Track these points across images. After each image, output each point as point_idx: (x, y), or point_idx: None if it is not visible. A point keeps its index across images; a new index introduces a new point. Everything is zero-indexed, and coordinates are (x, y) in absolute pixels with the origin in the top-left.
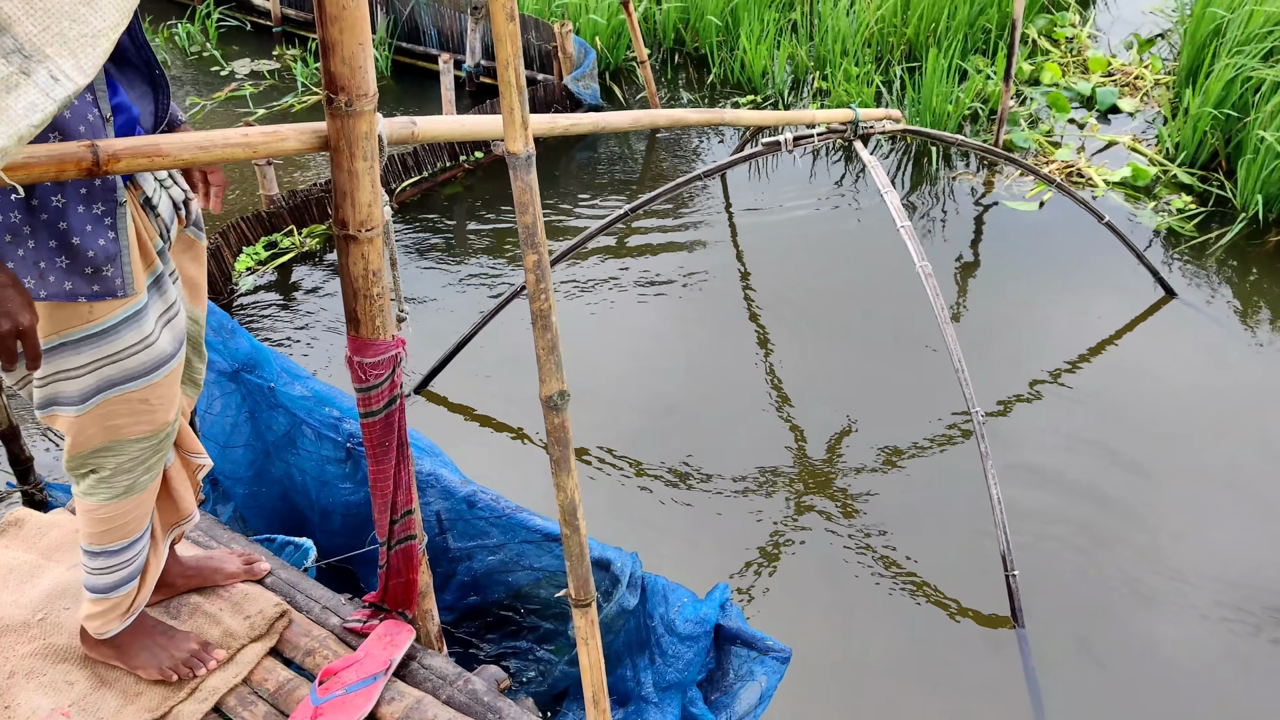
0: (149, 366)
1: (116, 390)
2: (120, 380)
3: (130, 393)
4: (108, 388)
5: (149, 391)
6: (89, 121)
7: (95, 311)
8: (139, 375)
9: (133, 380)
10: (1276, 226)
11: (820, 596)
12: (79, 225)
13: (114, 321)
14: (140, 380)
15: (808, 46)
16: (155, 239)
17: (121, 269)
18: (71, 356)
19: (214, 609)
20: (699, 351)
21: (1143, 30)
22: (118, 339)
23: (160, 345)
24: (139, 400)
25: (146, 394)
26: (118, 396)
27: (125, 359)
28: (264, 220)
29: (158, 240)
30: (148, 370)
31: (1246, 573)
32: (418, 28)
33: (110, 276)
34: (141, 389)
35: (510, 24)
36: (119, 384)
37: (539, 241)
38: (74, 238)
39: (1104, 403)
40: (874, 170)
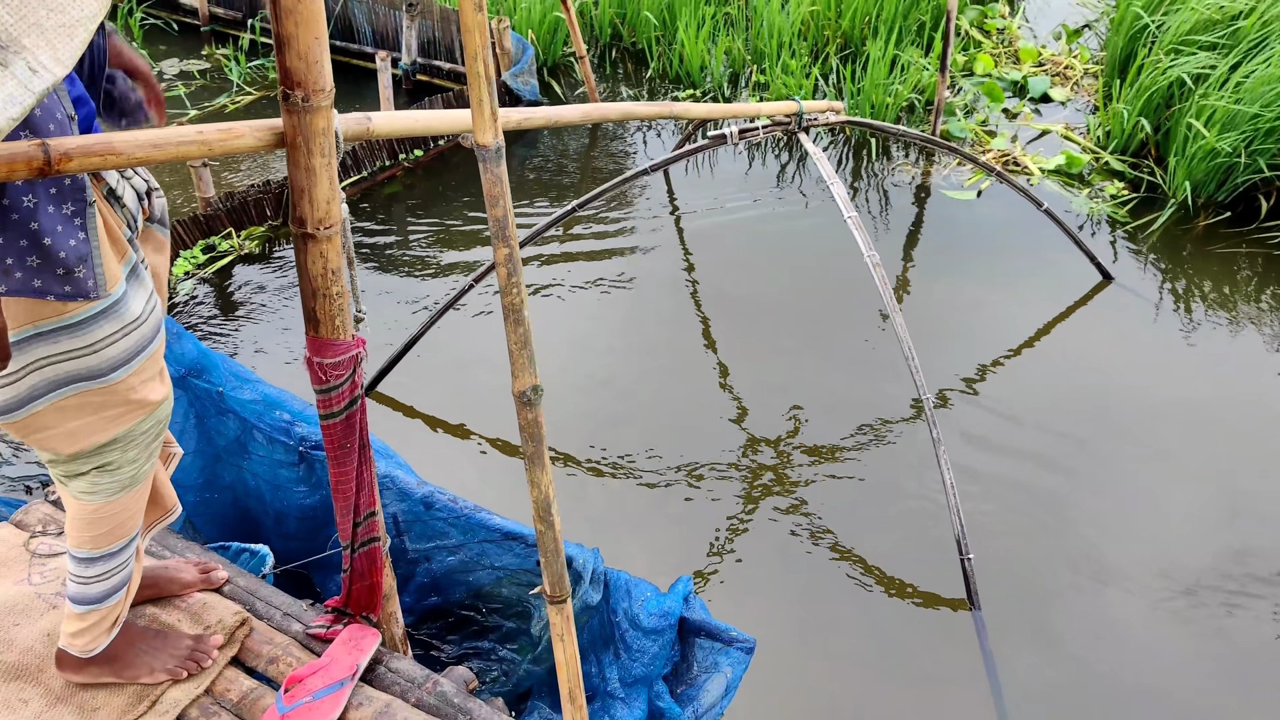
0: (130, 354)
1: (99, 382)
2: (103, 371)
3: (115, 383)
4: (90, 378)
5: (133, 379)
6: (58, 119)
7: (68, 307)
8: (121, 364)
9: (115, 370)
10: (1205, 211)
11: (779, 586)
12: (50, 225)
13: (93, 312)
14: (123, 369)
15: (744, 40)
16: (123, 228)
17: (93, 270)
18: (46, 346)
19: (171, 620)
20: (647, 349)
21: (1070, 21)
22: (96, 329)
23: (143, 331)
24: (125, 389)
25: (131, 381)
26: (101, 388)
27: (105, 348)
28: (201, 223)
29: (126, 230)
30: (129, 358)
31: (1185, 547)
32: (351, 26)
33: (82, 278)
34: (126, 377)
35: (478, 15)
36: (102, 375)
37: (510, 235)
38: (45, 238)
39: (1047, 385)
40: (819, 161)
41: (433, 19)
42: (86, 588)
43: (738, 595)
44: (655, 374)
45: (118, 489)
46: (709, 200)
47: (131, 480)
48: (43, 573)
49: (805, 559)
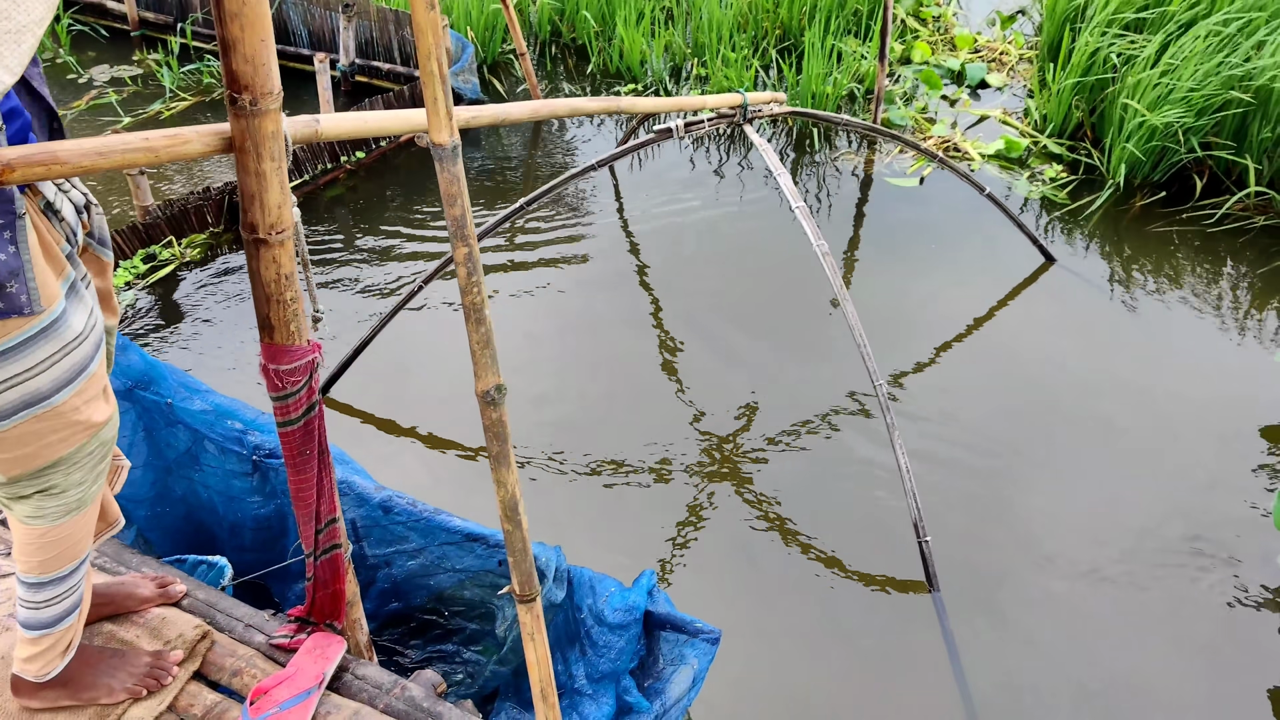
0: (73, 373)
1: (44, 405)
2: (48, 393)
3: (59, 405)
4: (35, 402)
5: (76, 399)
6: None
7: (6, 327)
8: (65, 384)
9: (60, 391)
10: (1140, 191)
11: (741, 576)
12: None
13: (31, 333)
14: (67, 389)
15: (684, 33)
16: (62, 243)
17: (26, 285)
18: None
19: (130, 636)
20: (598, 346)
21: (1003, 7)
22: (36, 351)
23: (83, 350)
24: (70, 410)
25: (75, 401)
26: (47, 412)
27: (49, 368)
28: (140, 232)
29: (64, 244)
30: (72, 377)
31: (1130, 521)
32: (286, 28)
33: (15, 293)
34: (70, 397)
35: (431, 13)
36: (46, 398)
37: (469, 234)
38: None
39: (994, 367)
40: (765, 153)
41: (370, 19)
42: (37, 612)
43: (701, 587)
44: (608, 371)
45: (64, 513)
46: (655, 195)
47: (79, 503)
48: None
49: (766, 548)
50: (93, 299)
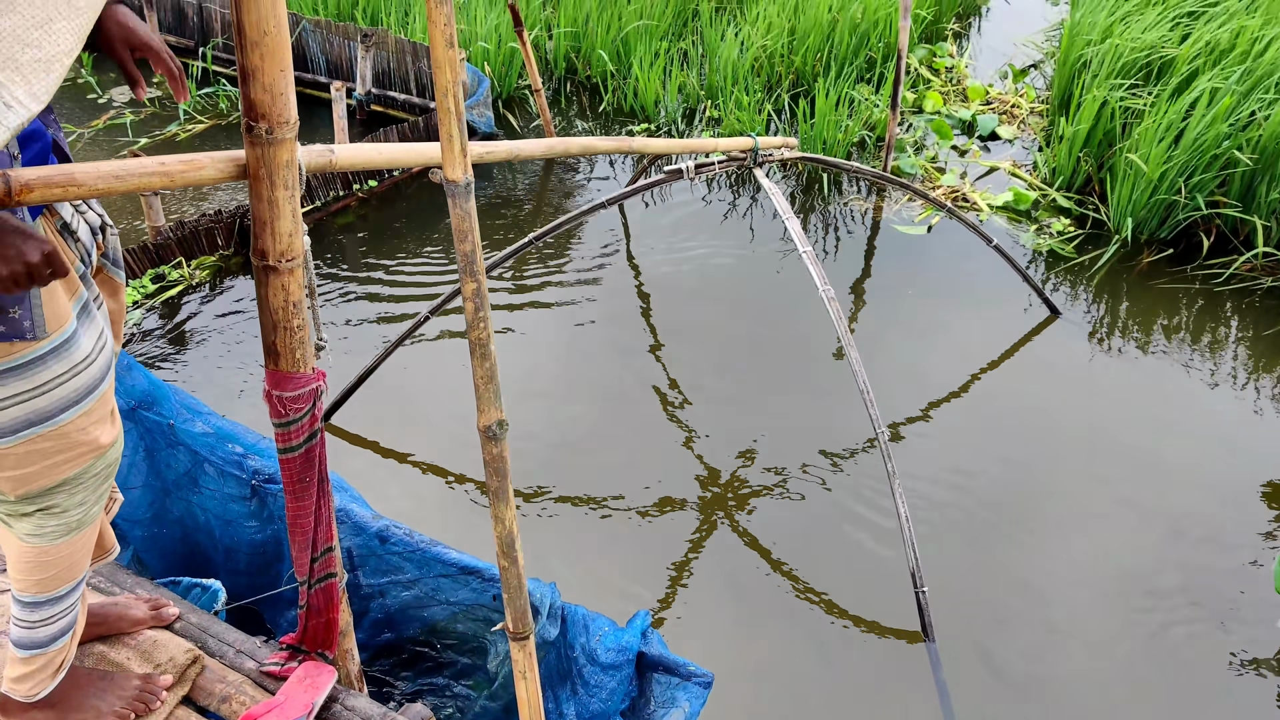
0: (80, 394)
1: (49, 424)
2: (53, 412)
3: (64, 425)
4: (40, 421)
5: (84, 419)
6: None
7: (15, 347)
8: (71, 404)
9: (65, 411)
10: (1148, 248)
11: (735, 620)
12: None
13: (41, 352)
14: (73, 409)
15: (698, 75)
16: (76, 263)
17: (30, 310)
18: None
19: (120, 658)
20: (601, 383)
21: (1016, 60)
22: (45, 369)
23: (92, 371)
24: (76, 430)
25: (82, 422)
26: (52, 431)
27: (55, 388)
28: (150, 252)
29: (79, 265)
30: (80, 398)
31: (1128, 575)
32: (304, 55)
33: (18, 319)
34: (76, 418)
35: (449, 50)
36: (52, 417)
37: (478, 269)
38: None
39: (995, 418)
40: (774, 197)
41: (388, 50)
42: (31, 632)
43: (695, 629)
44: (609, 408)
45: (64, 532)
46: (663, 234)
47: (79, 523)
48: None
49: (761, 592)
50: (104, 320)
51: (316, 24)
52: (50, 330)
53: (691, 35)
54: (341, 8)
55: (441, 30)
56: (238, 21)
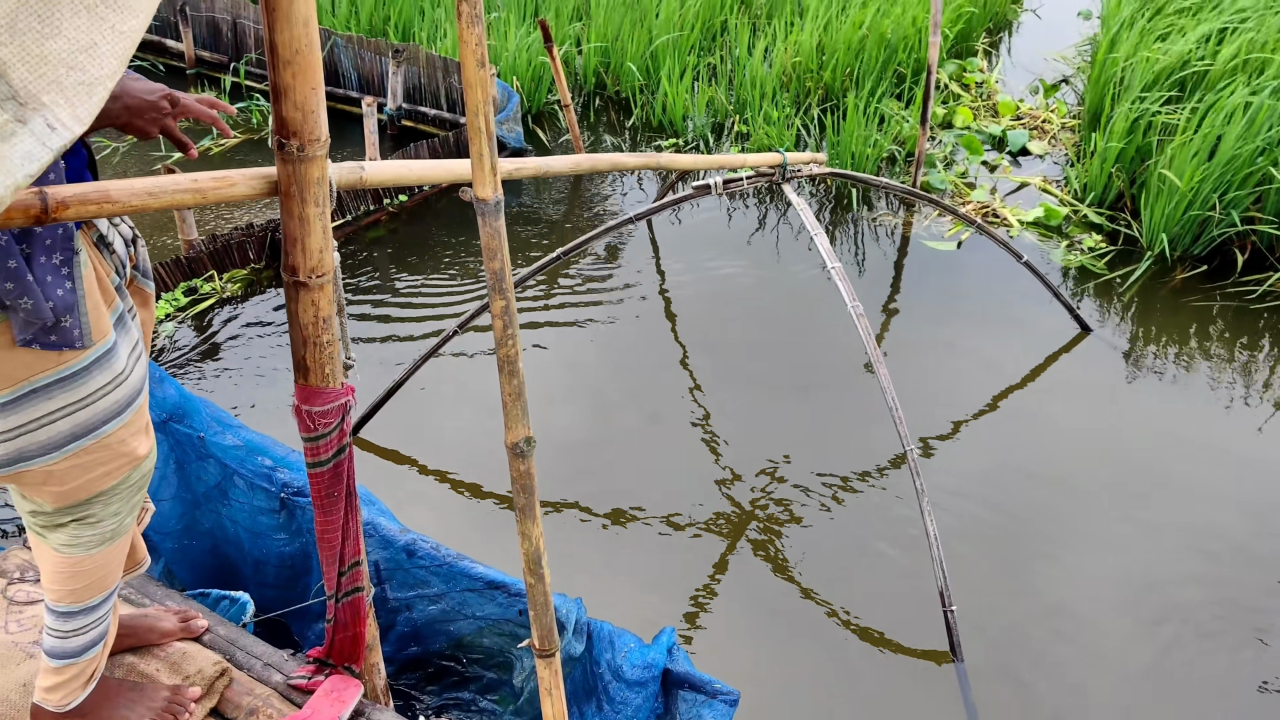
0: (121, 405)
1: (93, 437)
2: (96, 424)
3: (106, 436)
4: (84, 434)
5: (124, 431)
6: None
7: (64, 356)
8: (113, 416)
9: (108, 423)
10: (1181, 264)
11: (761, 637)
12: (41, 274)
13: (86, 362)
14: (115, 421)
15: (727, 90)
16: (112, 275)
17: (79, 320)
18: (43, 404)
19: (150, 669)
20: (629, 397)
21: (1047, 75)
22: (90, 380)
23: (131, 382)
24: (116, 442)
25: (122, 434)
26: (95, 444)
27: (99, 400)
28: (183, 265)
29: (114, 276)
30: (120, 409)
31: (1160, 594)
32: (336, 70)
33: (68, 327)
34: (117, 429)
35: (480, 70)
36: (95, 429)
37: (507, 287)
38: (36, 286)
39: (1025, 435)
40: (802, 212)
41: (419, 65)
42: (64, 642)
43: (720, 646)
44: (637, 423)
45: (99, 542)
46: (691, 249)
47: (113, 534)
48: (19, 620)
49: (788, 609)
50: (138, 331)
51: (349, 40)
52: (95, 340)
53: (720, 50)
54: (374, 24)
55: (473, 51)
56: (270, 41)
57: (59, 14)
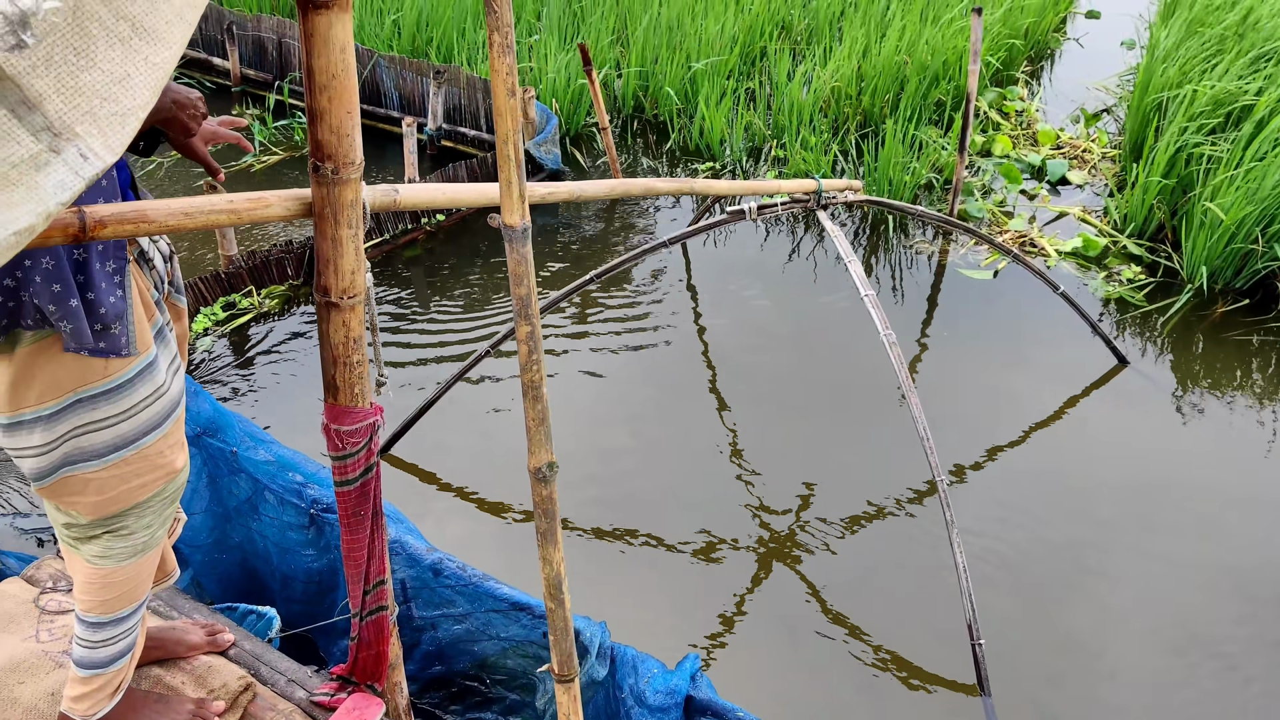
0: (161, 417)
1: (134, 448)
2: (136, 436)
3: (146, 448)
4: (124, 445)
5: (162, 443)
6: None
7: (110, 367)
8: (153, 428)
9: (148, 434)
10: (1222, 297)
11: (786, 665)
12: (96, 281)
13: (130, 375)
14: (155, 433)
15: (764, 115)
16: (151, 290)
17: (127, 328)
18: (87, 413)
19: (176, 682)
20: (659, 421)
21: (1088, 105)
22: (133, 393)
23: (171, 394)
24: (155, 454)
25: (160, 445)
26: (135, 454)
27: (140, 412)
28: (222, 281)
29: (153, 291)
30: (160, 421)
31: (1191, 632)
32: (379, 90)
33: (117, 334)
34: (156, 441)
35: (510, 99)
36: (135, 441)
37: (533, 313)
38: (89, 292)
39: (1058, 468)
40: (837, 239)
41: (459, 86)
42: (93, 652)
43: (745, 673)
44: (666, 446)
45: (130, 554)
46: (725, 274)
47: (145, 546)
48: (50, 630)
49: (813, 638)
50: (175, 345)
51: (391, 60)
52: (140, 350)
53: (759, 75)
54: (416, 45)
55: (504, 80)
56: (307, 65)
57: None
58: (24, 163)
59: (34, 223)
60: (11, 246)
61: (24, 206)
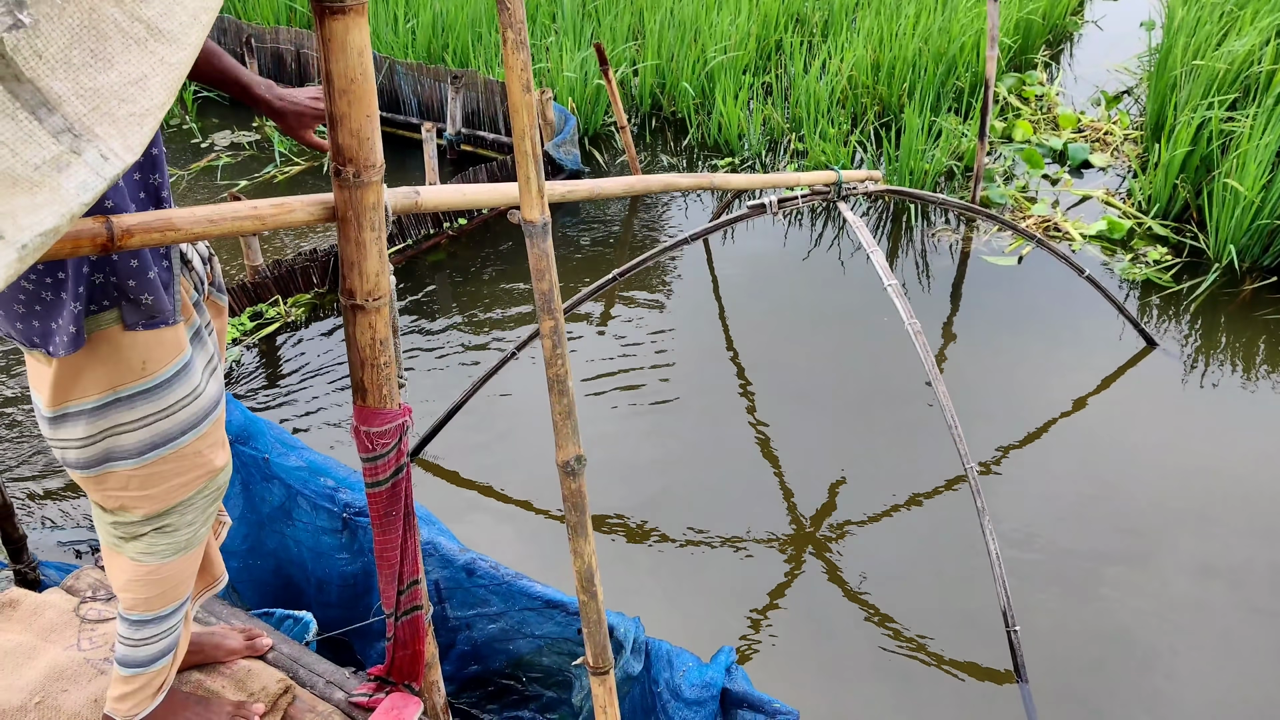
0: (199, 417)
1: (171, 446)
2: (175, 435)
3: (183, 447)
4: (163, 444)
5: (200, 443)
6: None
7: (149, 366)
8: (190, 427)
9: (186, 434)
10: (1250, 275)
11: (820, 656)
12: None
13: (167, 375)
14: (192, 432)
15: (783, 108)
16: (191, 292)
17: (174, 296)
18: (125, 412)
19: (216, 686)
20: (686, 416)
21: (1108, 87)
22: (170, 393)
23: (208, 394)
24: (193, 453)
25: (199, 445)
26: (173, 453)
27: (177, 412)
28: (249, 291)
29: (193, 293)
30: (198, 421)
31: (1230, 617)
32: (397, 97)
33: (162, 302)
34: (194, 440)
35: (525, 94)
36: (173, 439)
37: (555, 308)
38: (133, 260)
39: (1090, 453)
40: (858, 230)
41: (477, 90)
42: (135, 650)
43: (779, 665)
44: (695, 442)
45: (173, 551)
46: (748, 268)
47: (187, 544)
48: (91, 639)
49: (847, 627)
50: (214, 346)
51: (409, 67)
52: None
53: (776, 68)
54: (431, 50)
55: (518, 76)
56: (326, 71)
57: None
58: (46, 164)
59: (59, 224)
60: (38, 248)
61: (49, 208)
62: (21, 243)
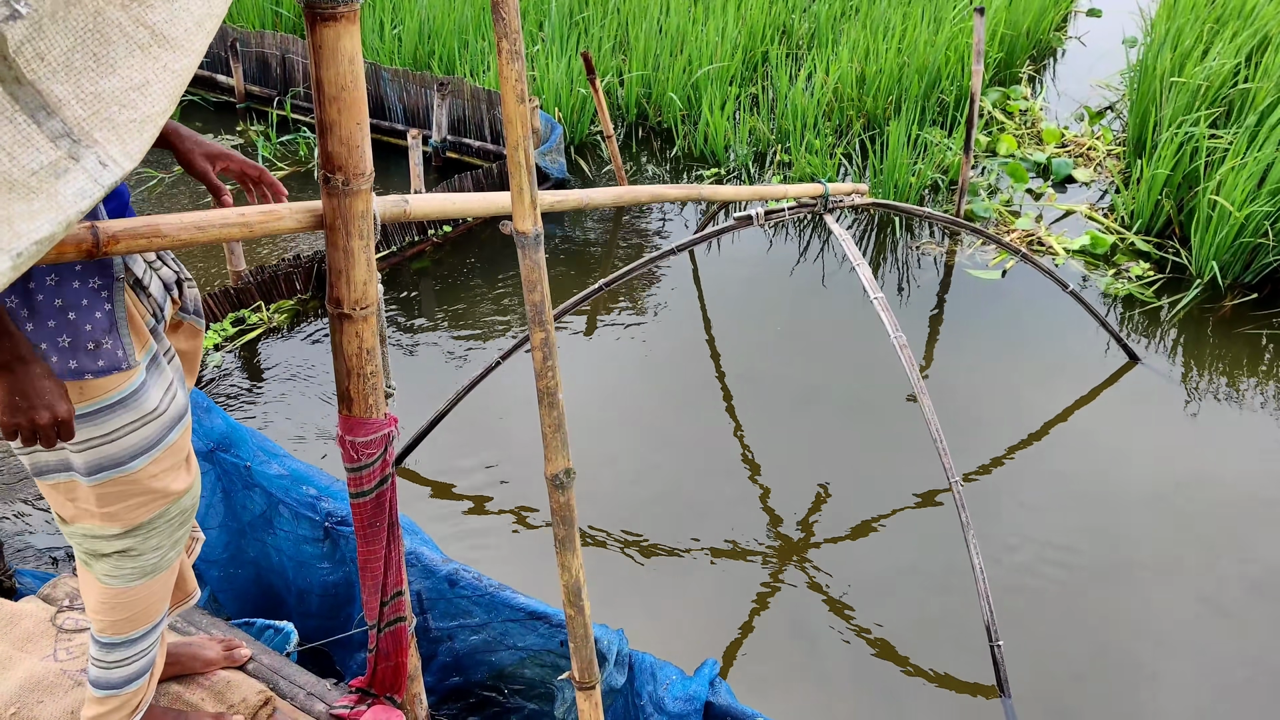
0: (149, 443)
1: (119, 471)
2: (122, 460)
3: (134, 473)
4: (111, 467)
5: (153, 467)
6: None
7: (86, 391)
8: (140, 453)
9: (135, 459)
10: (1231, 291)
11: (804, 669)
12: (75, 300)
13: (109, 401)
14: (143, 458)
15: (768, 120)
16: (148, 318)
17: (121, 341)
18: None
19: (195, 698)
20: (670, 428)
21: (1091, 103)
22: (112, 418)
23: (161, 421)
24: (146, 478)
25: (151, 469)
26: (122, 477)
27: (122, 437)
28: (231, 296)
29: (150, 319)
30: (148, 447)
31: (1210, 633)
32: (383, 104)
33: (110, 348)
34: (146, 465)
35: (520, 105)
36: (121, 464)
37: (547, 319)
38: (70, 313)
39: (1072, 467)
40: (845, 243)
41: (463, 98)
42: (108, 672)
43: (763, 679)
44: (678, 453)
45: (140, 575)
46: (733, 280)
47: (155, 568)
48: (68, 648)
49: (831, 642)
50: (174, 373)
51: (395, 74)
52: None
53: (761, 80)
54: (418, 57)
55: (513, 87)
56: (317, 78)
57: (114, 53)
58: (44, 170)
59: (54, 231)
60: (32, 256)
61: (45, 215)
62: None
